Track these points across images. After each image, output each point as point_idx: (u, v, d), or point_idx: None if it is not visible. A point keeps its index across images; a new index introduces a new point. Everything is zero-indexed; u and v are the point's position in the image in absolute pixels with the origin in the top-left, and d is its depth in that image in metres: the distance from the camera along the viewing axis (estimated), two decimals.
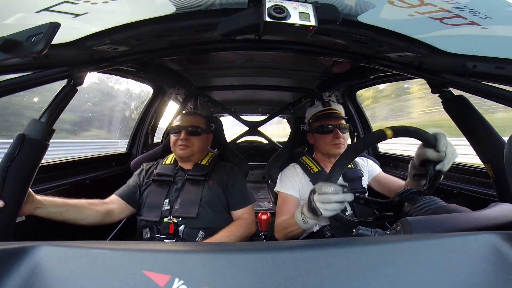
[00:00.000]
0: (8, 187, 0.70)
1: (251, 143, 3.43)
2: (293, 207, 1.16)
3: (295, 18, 0.53)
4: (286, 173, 1.24)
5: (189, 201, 1.12)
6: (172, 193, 1.16)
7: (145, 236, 1.11)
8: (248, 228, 1.13)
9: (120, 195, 1.17)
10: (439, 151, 0.76)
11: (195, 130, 1.21)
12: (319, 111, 1.24)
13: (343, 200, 0.74)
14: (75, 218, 0.96)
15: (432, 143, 0.77)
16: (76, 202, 0.98)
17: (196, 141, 1.20)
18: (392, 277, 0.35)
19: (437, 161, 0.78)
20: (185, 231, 1.08)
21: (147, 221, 1.11)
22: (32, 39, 0.53)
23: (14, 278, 0.35)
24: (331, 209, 0.74)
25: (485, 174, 0.95)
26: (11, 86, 0.71)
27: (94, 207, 1.03)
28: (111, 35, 0.72)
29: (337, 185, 0.74)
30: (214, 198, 1.15)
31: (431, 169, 0.80)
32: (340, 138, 1.17)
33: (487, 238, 0.40)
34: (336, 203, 0.74)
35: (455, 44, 0.73)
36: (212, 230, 1.08)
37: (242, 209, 1.18)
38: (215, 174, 1.22)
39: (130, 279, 0.34)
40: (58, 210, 0.91)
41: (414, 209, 0.69)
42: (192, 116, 1.29)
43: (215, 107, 2.64)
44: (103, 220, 1.05)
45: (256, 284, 0.34)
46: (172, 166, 1.24)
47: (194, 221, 1.09)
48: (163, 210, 1.11)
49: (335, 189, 0.73)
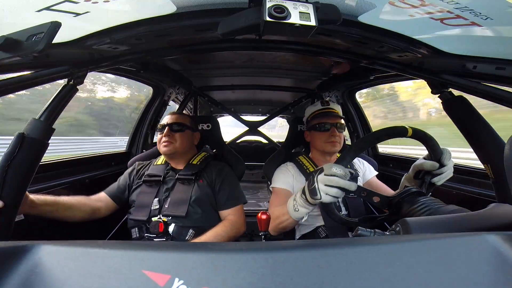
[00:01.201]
0: (7, 186, 0.69)
1: (250, 143, 3.43)
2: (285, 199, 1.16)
3: (295, 18, 0.53)
4: (280, 170, 1.26)
5: (178, 200, 1.13)
6: (162, 192, 1.16)
7: (134, 235, 1.12)
8: (235, 228, 1.13)
9: (109, 193, 1.19)
10: (443, 164, 0.80)
11: (179, 128, 1.23)
12: (318, 109, 1.26)
13: (348, 188, 0.71)
14: (64, 216, 0.99)
15: (438, 155, 0.80)
16: (66, 200, 1.00)
17: (179, 137, 1.21)
18: (391, 277, 0.35)
19: (434, 174, 0.82)
20: (175, 229, 1.09)
21: (136, 221, 1.12)
22: (32, 38, 0.53)
23: (14, 278, 0.35)
24: (332, 194, 0.71)
25: (485, 175, 0.95)
26: (11, 85, 0.71)
27: (81, 206, 1.06)
28: (112, 35, 0.72)
29: (347, 169, 0.72)
30: (203, 197, 1.15)
31: (427, 180, 0.82)
32: (336, 136, 1.18)
33: (487, 238, 0.40)
34: (338, 189, 0.71)
35: (455, 45, 0.73)
36: (201, 228, 1.09)
37: (229, 210, 1.18)
38: (206, 173, 1.22)
39: (130, 279, 0.34)
40: (49, 209, 0.93)
41: (413, 209, 0.69)
42: (177, 114, 1.31)
43: (215, 107, 2.64)
44: (90, 218, 1.09)
45: (256, 284, 0.34)
46: (163, 166, 1.25)
47: (183, 220, 1.10)
48: (152, 210, 1.12)
49: (344, 173, 0.70)
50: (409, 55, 0.83)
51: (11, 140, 0.72)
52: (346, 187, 0.71)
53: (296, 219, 0.88)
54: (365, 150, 0.78)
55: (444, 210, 0.64)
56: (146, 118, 1.87)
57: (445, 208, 0.65)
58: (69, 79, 0.82)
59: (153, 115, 1.88)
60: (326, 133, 1.19)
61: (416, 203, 0.70)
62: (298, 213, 0.84)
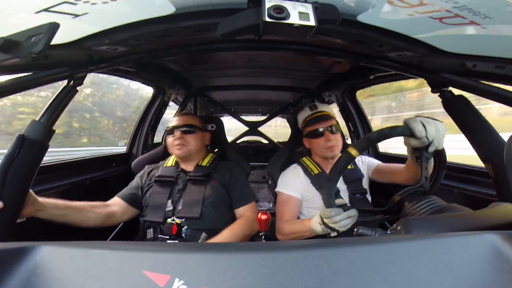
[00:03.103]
0: (8, 188, 0.69)
1: (251, 143, 3.43)
2: (296, 208, 1.16)
3: (294, 18, 0.53)
4: (288, 174, 1.24)
5: (191, 202, 1.12)
6: (174, 194, 1.16)
7: (149, 236, 1.11)
8: (250, 226, 1.13)
9: (122, 197, 1.17)
10: (419, 138, 0.72)
11: (190, 129, 1.22)
12: (308, 115, 1.26)
13: (349, 216, 0.79)
14: (76, 220, 0.96)
15: (408, 133, 0.73)
16: (78, 204, 0.98)
17: (191, 139, 1.21)
18: (392, 277, 0.35)
19: (427, 145, 0.74)
20: (188, 232, 1.08)
21: (151, 222, 1.11)
22: (31, 39, 0.53)
23: (14, 278, 0.35)
24: (345, 225, 0.79)
25: (485, 174, 0.95)
26: (11, 87, 0.71)
27: (95, 209, 1.03)
28: (111, 36, 0.72)
29: (336, 208, 0.79)
30: (217, 197, 1.15)
31: (424, 155, 0.76)
32: (332, 140, 1.17)
33: (487, 238, 0.40)
34: (346, 219, 0.79)
35: (454, 44, 0.73)
36: (215, 231, 1.08)
37: (245, 206, 1.18)
38: (217, 174, 1.22)
39: (130, 279, 0.34)
40: (59, 212, 0.91)
41: (414, 209, 0.69)
42: (186, 115, 1.30)
43: (215, 107, 2.64)
44: (104, 223, 1.05)
45: (256, 284, 0.34)
46: (173, 168, 1.25)
47: (198, 222, 1.09)
48: (166, 211, 1.11)
49: (336, 212, 0.78)
50: (409, 54, 0.83)
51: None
52: (347, 217, 0.79)
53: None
54: (334, 189, 0.79)
55: (445, 209, 0.64)
56: (146, 119, 1.87)
57: (446, 207, 0.65)
58: (68, 80, 0.82)
59: (153, 115, 1.88)
60: (321, 139, 1.19)
61: (417, 203, 0.70)
62: (327, 232, 0.88)
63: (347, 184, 1.20)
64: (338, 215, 0.79)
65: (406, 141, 0.79)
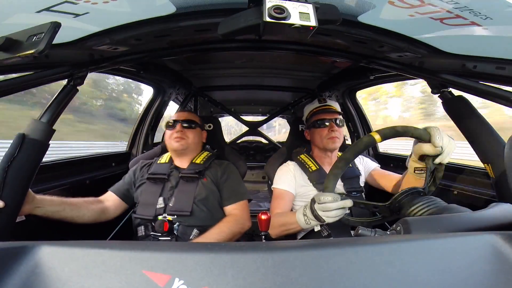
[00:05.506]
0: (8, 187, 0.69)
1: (251, 143, 3.43)
2: (288, 203, 1.16)
3: (295, 19, 0.53)
4: (281, 170, 1.26)
5: (183, 199, 1.13)
6: (166, 191, 1.16)
7: (140, 233, 1.11)
8: (239, 224, 1.12)
9: (115, 191, 1.19)
10: (435, 146, 0.75)
11: (190, 125, 1.25)
12: (316, 107, 1.27)
13: (343, 207, 0.77)
14: (72, 216, 0.98)
15: (426, 138, 0.76)
16: (73, 200, 1.00)
17: (190, 134, 1.23)
18: (392, 277, 0.35)
19: (435, 155, 0.77)
20: (179, 229, 1.08)
21: (142, 219, 1.12)
22: (33, 38, 0.53)
23: (14, 278, 0.35)
24: (333, 216, 0.77)
25: (485, 175, 0.95)
26: (11, 86, 0.71)
27: (89, 205, 1.05)
28: (112, 35, 0.72)
29: (334, 193, 0.77)
30: (208, 195, 1.15)
31: (430, 163, 0.78)
32: (335, 131, 1.19)
33: (487, 238, 0.40)
34: (337, 210, 0.77)
35: (455, 45, 0.73)
36: (206, 228, 1.08)
37: (233, 205, 1.18)
38: (210, 171, 1.23)
39: (130, 279, 0.34)
40: (56, 209, 0.93)
41: (414, 209, 0.69)
42: (187, 112, 1.33)
43: (215, 107, 2.64)
44: (98, 218, 1.07)
45: (256, 284, 0.34)
46: (167, 164, 1.26)
47: (189, 219, 1.09)
48: (157, 208, 1.11)
49: (333, 198, 0.76)
50: (409, 55, 0.83)
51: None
52: (342, 207, 0.76)
53: (308, 229, 0.89)
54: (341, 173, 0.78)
55: (445, 209, 0.64)
56: (146, 118, 1.87)
57: (446, 207, 0.65)
58: (69, 79, 0.82)
59: (153, 115, 1.88)
60: (325, 129, 1.20)
61: (417, 203, 0.70)
62: (310, 225, 0.87)
63: (344, 181, 1.21)
64: (334, 202, 0.76)
65: (418, 147, 0.80)
